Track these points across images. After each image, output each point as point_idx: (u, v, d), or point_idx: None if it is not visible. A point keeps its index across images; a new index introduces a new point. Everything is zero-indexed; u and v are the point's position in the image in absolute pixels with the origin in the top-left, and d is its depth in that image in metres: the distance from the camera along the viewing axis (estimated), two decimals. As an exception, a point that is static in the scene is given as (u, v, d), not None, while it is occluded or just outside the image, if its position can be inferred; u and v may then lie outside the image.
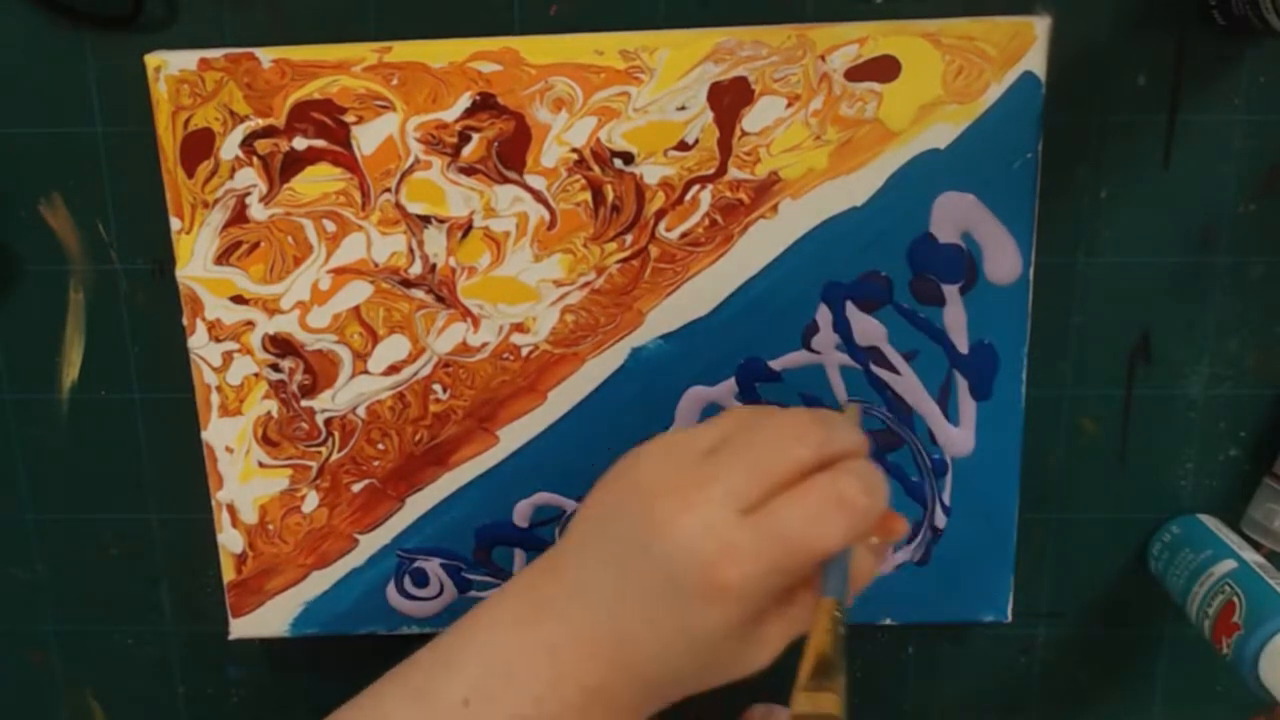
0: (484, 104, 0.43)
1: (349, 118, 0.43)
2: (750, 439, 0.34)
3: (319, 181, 0.44)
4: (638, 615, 0.34)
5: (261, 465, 0.47)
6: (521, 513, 0.47)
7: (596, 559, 0.35)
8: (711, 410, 0.46)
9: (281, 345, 0.46)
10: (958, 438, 0.46)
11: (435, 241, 0.44)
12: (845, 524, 0.33)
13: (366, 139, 0.43)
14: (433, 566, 0.48)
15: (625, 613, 0.34)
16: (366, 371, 0.46)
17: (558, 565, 0.37)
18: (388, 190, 0.44)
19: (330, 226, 0.44)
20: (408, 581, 0.48)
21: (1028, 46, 0.42)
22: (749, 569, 0.32)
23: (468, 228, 0.44)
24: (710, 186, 0.44)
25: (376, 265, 0.45)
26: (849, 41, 0.42)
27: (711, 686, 0.35)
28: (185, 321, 0.45)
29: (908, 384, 0.45)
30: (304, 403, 0.46)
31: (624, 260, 0.44)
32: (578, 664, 0.34)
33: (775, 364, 0.45)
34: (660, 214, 0.44)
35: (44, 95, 0.45)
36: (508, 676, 0.35)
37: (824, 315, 0.45)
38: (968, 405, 0.45)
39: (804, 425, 0.34)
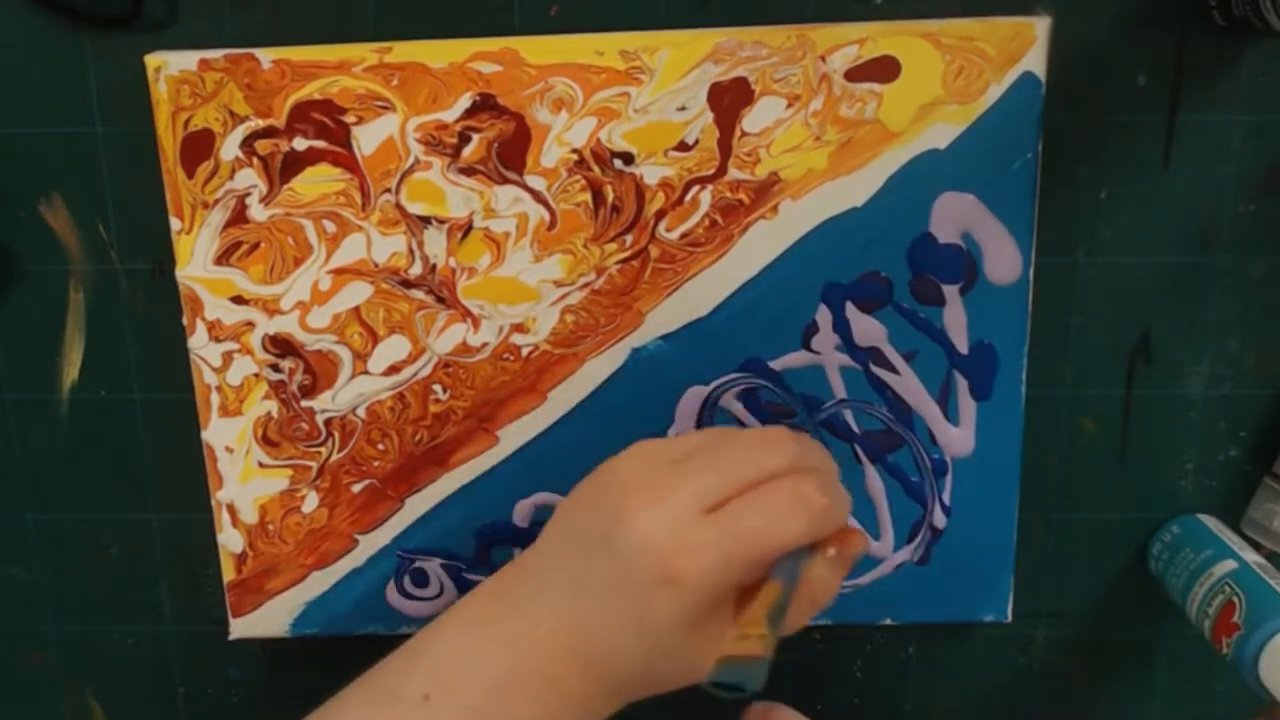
0: (484, 104, 0.43)
1: (349, 118, 0.43)
2: (725, 447, 0.36)
3: (319, 182, 0.44)
4: (595, 606, 0.35)
5: (261, 465, 0.47)
6: (521, 513, 0.47)
7: (563, 553, 0.37)
8: (713, 409, 0.46)
9: (281, 345, 0.46)
10: (958, 438, 0.46)
11: (435, 242, 0.44)
12: (801, 522, 0.34)
13: (366, 139, 0.43)
14: (433, 567, 0.48)
15: (583, 604, 0.35)
16: (366, 372, 0.46)
17: (527, 561, 0.38)
18: (388, 191, 0.44)
19: (330, 227, 0.44)
20: (408, 582, 0.48)
21: (1028, 46, 0.42)
22: (703, 562, 0.33)
23: (468, 228, 0.44)
24: (710, 187, 0.44)
25: (376, 266, 0.45)
26: (849, 42, 0.42)
27: (666, 689, 0.36)
28: (185, 321, 0.45)
29: (908, 384, 0.45)
30: (304, 403, 0.46)
31: (624, 260, 0.44)
32: (535, 656, 0.35)
33: (775, 364, 0.45)
34: (660, 214, 0.44)
35: (44, 95, 0.45)
36: (466, 669, 0.36)
37: (824, 315, 0.45)
38: (968, 405, 0.45)
39: (779, 438, 0.36)
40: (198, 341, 0.46)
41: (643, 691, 0.37)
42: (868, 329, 0.45)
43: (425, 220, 0.44)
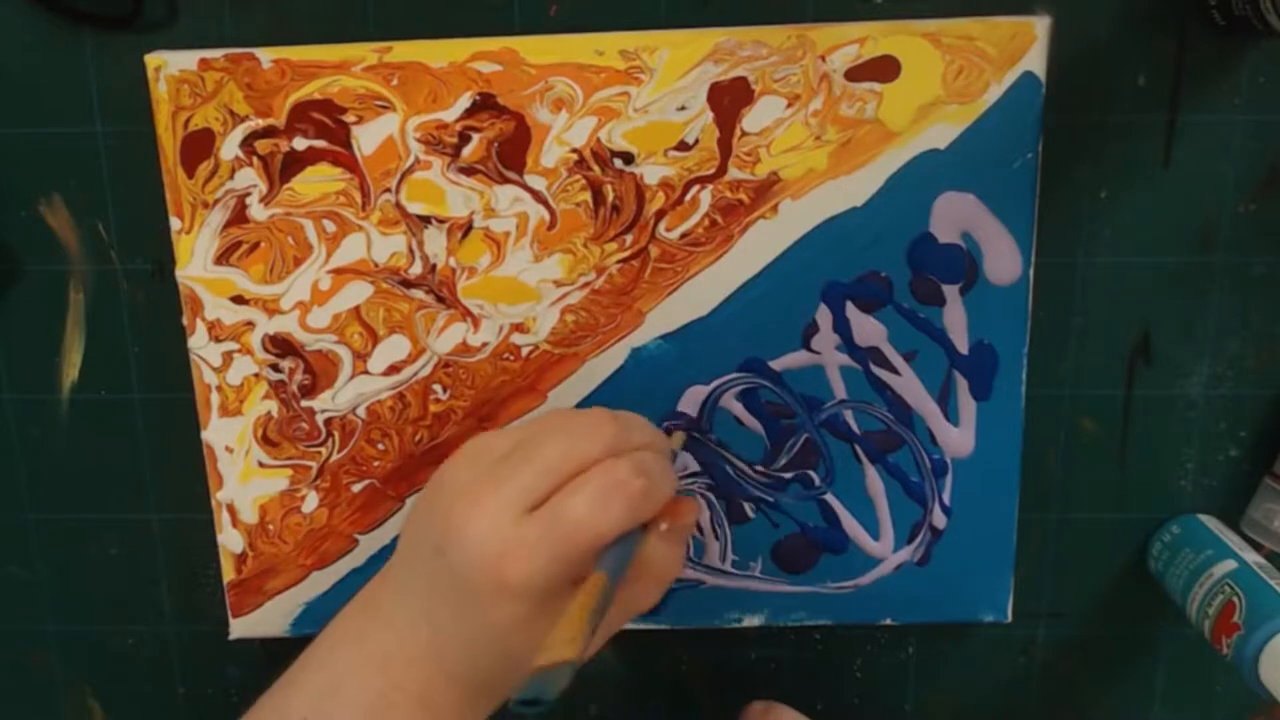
0: (484, 104, 0.43)
1: (349, 118, 0.43)
2: (546, 438, 0.36)
3: (319, 181, 0.44)
4: (446, 618, 0.35)
5: (261, 465, 0.47)
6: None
7: (413, 565, 0.37)
8: (713, 409, 0.46)
9: (281, 345, 0.46)
10: (958, 438, 0.46)
11: (435, 241, 0.44)
12: (619, 507, 0.34)
13: (366, 139, 0.43)
14: (433, 566, 0.48)
15: (436, 616, 0.36)
16: (366, 371, 0.46)
17: (387, 574, 0.38)
18: (388, 190, 0.44)
19: (330, 226, 0.44)
20: (408, 581, 0.48)
21: (1028, 46, 0.42)
22: (532, 563, 0.33)
23: (468, 228, 0.44)
24: (710, 186, 0.44)
25: (376, 265, 0.45)
26: (849, 41, 0.42)
27: None
28: (185, 321, 0.45)
29: (908, 384, 0.45)
30: (304, 403, 0.46)
31: (624, 260, 0.44)
32: (404, 673, 0.36)
33: (775, 364, 0.45)
34: (660, 214, 0.44)
35: (44, 95, 0.45)
36: (340, 692, 0.36)
37: (824, 315, 0.45)
38: (968, 405, 0.45)
39: (597, 424, 0.36)
40: (198, 341, 0.46)
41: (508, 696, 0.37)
42: (868, 329, 0.45)
43: (425, 220, 0.44)
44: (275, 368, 0.46)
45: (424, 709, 0.36)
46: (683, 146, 0.43)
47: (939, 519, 0.46)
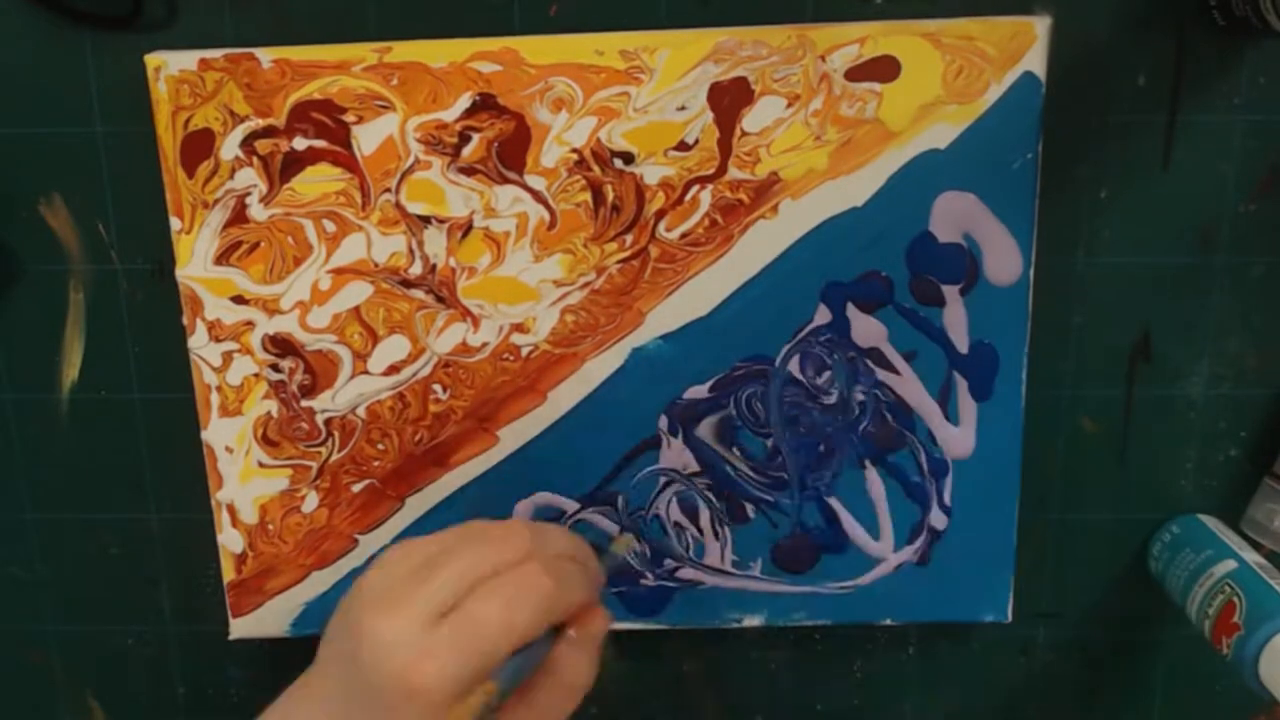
0: (484, 104, 0.43)
1: (349, 118, 0.43)
2: (461, 546, 0.36)
3: (319, 181, 0.44)
4: None
5: (261, 465, 0.47)
6: (521, 513, 0.47)
7: (331, 670, 0.37)
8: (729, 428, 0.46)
9: (281, 345, 0.46)
10: (958, 438, 0.46)
11: (435, 241, 0.44)
12: (528, 608, 0.34)
13: (366, 139, 0.43)
14: (433, 566, 0.48)
15: None
16: (366, 371, 0.46)
17: (306, 682, 0.38)
18: (388, 190, 0.44)
19: (330, 226, 0.44)
20: (408, 581, 0.48)
21: (1028, 46, 0.42)
22: (441, 670, 0.33)
23: (468, 228, 0.44)
24: (710, 186, 0.44)
25: (376, 265, 0.45)
26: (849, 41, 0.42)
27: None
28: (185, 321, 0.45)
29: (908, 384, 0.45)
30: (304, 403, 0.46)
31: (624, 260, 0.44)
32: None
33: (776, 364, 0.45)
34: (660, 214, 0.44)
35: (44, 95, 0.45)
36: None
37: (824, 315, 0.45)
38: (968, 405, 0.45)
39: (512, 530, 0.37)
40: (198, 341, 0.46)
41: None
42: (868, 329, 0.45)
43: (425, 220, 0.44)
44: (275, 368, 0.46)
45: None
46: (683, 146, 0.43)
47: (939, 519, 0.46)
